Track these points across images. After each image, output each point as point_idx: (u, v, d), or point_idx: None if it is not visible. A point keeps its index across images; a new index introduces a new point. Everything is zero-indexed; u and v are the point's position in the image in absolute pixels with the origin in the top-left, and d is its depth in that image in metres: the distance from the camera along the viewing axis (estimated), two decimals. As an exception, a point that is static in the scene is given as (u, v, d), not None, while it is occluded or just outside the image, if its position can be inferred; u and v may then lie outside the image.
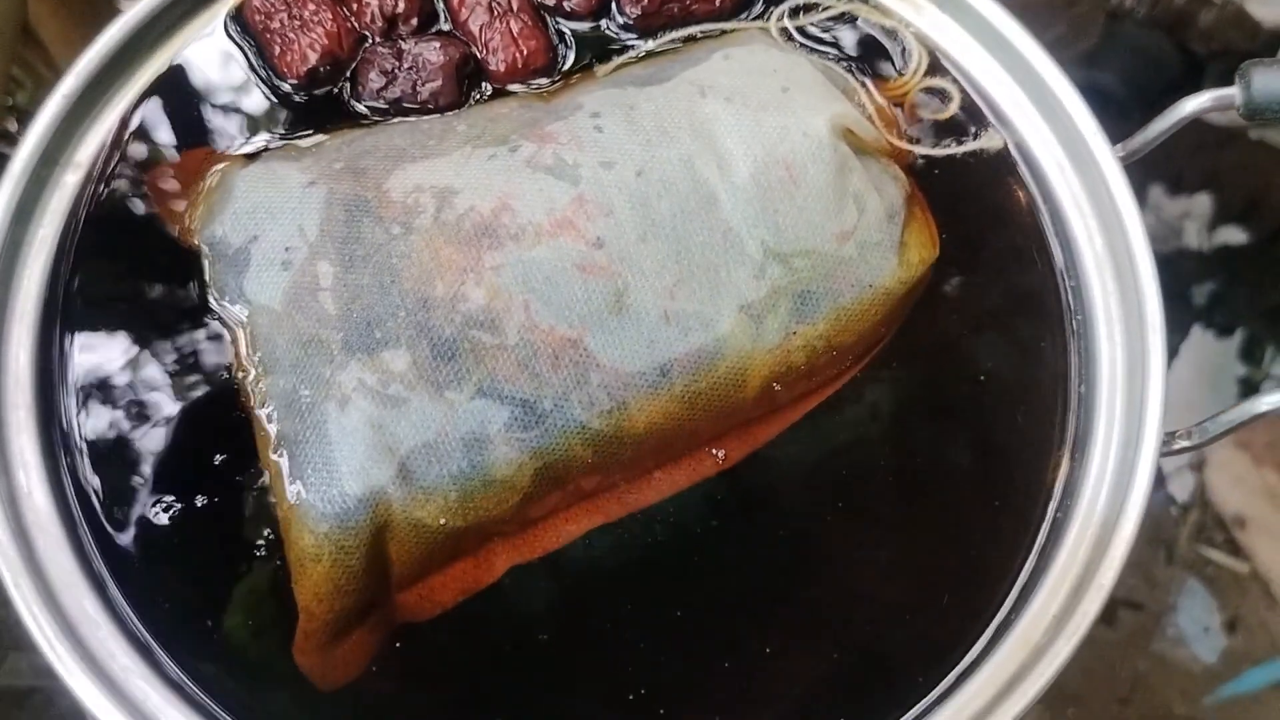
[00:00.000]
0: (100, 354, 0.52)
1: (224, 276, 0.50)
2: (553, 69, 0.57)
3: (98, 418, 0.51)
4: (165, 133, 0.56)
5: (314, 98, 0.57)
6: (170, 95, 0.57)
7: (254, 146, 0.55)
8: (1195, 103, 0.52)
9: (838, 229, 0.51)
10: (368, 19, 0.57)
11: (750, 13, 0.59)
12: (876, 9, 0.59)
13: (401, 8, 0.57)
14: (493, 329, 0.47)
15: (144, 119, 0.56)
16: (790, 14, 0.59)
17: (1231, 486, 0.84)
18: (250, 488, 0.49)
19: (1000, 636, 0.48)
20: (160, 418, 0.51)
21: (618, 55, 0.58)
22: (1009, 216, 0.57)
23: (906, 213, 0.53)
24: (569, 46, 0.58)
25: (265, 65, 0.57)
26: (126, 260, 0.54)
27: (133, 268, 0.54)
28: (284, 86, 0.57)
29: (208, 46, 0.58)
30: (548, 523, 0.50)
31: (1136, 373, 0.51)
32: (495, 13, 0.56)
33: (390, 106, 0.56)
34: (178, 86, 0.57)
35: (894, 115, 0.57)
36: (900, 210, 0.53)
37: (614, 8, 0.58)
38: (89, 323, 0.53)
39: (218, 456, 0.50)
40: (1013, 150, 0.58)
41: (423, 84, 0.55)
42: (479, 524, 0.47)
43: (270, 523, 0.48)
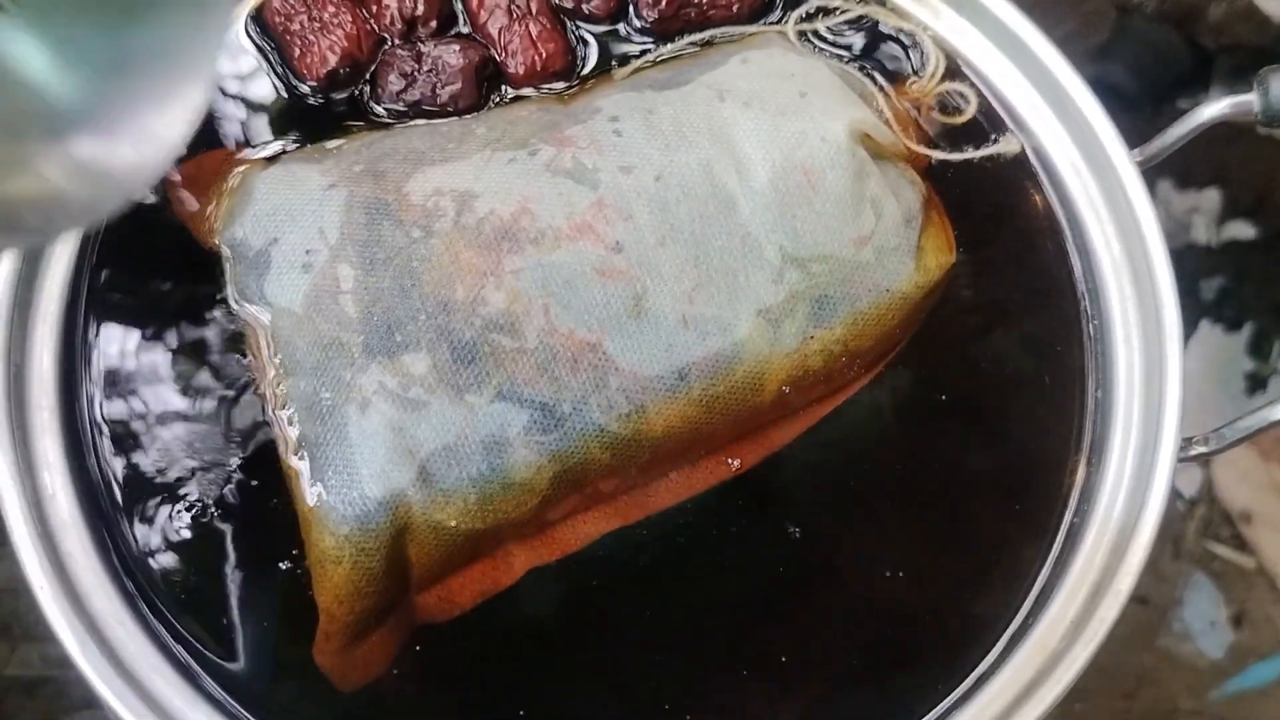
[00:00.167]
0: (122, 355, 0.52)
1: (245, 278, 0.50)
2: (571, 72, 0.57)
3: (120, 419, 0.51)
4: (186, 134, 0.57)
5: (333, 100, 0.57)
6: (192, 97, 0.57)
7: (274, 149, 0.55)
8: (1213, 110, 0.52)
9: (855, 234, 0.51)
10: (387, 21, 0.57)
11: (767, 16, 0.59)
12: (894, 12, 0.59)
13: (421, 10, 0.57)
14: (512, 332, 0.47)
15: (166, 120, 0.56)
16: (807, 17, 0.59)
17: (1239, 482, 0.84)
18: (271, 490, 0.49)
19: (1017, 642, 0.48)
20: (182, 419, 0.51)
21: (635, 59, 0.57)
22: (1026, 221, 0.57)
23: (924, 217, 0.53)
24: (587, 49, 0.58)
25: (285, 67, 0.57)
26: (148, 262, 0.54)
27: (154, 269, 0.54)
28: (303, 88, 0.57)
29: (230, 48, 0.58)
30: (566, 525, 0.50)
31: (1153, 378, 0.51)
32: (514, 15, 0.56)
33: (410, 109, 0.56)
34: (199, 88, 0.57)
35: (911, 119, 0.57)
36: (917, 215, 0.53)
37: (631, 11, 0.58)
38: (111, 324, 0.53)
39: (239, 458, 0.50)
40: (1030, 155, 0.57)
41: (442, 86, 0.55)
42: (498, 526, 0.48)
43: (291, 525, 0.48)
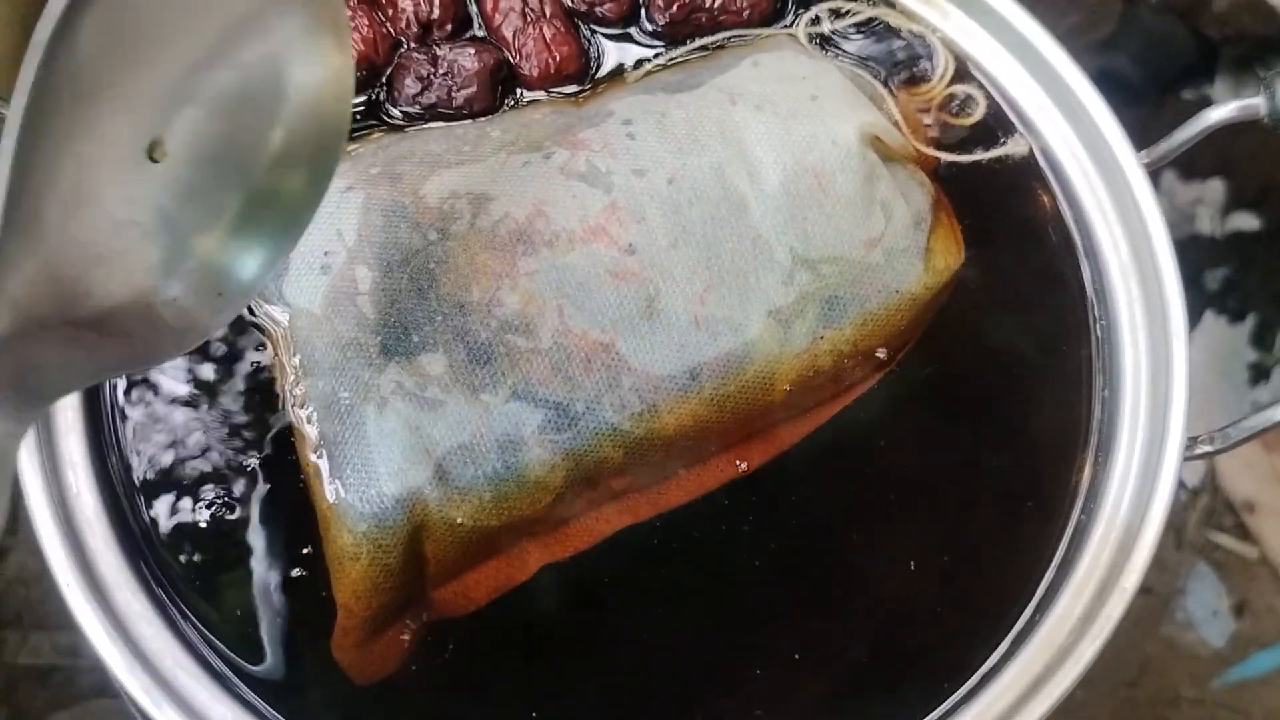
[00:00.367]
0: (143, 355, 0.53)
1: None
2: (585, 75, 0.57)
3: (142, 418, 0.52)
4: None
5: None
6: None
7: (291, 151, 0.56)
8: (1220, 113, 0.52)
9: (865, 236, 0.51)
10: (403, 24, 0.58)
11: (778, 22, 0.59)
12: (903, 15, 0.59)
13: (436, 13, 0.57)
14: (527, 333, 0.48)
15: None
16: (817, 20, 0.59)
17: (1242, 472, 0.84)
18: (289, 487, 0.50)
19: (1024, 638, 0.48)
20: (203, 418, 0.51)
21: (647, 62, 0.58)
22: (1033, 222, 0.57)
23: (933, 219, 0.54)
24: (600, 52, 0.58)
25: (301, 70, 0.58)
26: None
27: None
28: (320, 91, 0.57)
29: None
30: (579, 522, 0.51)
31: (1160, 378, 0.52)
32: (529, 19, 0.57)
33: (425, 112, 0.56)
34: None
35: (920, 121, 0.58)
36: (926, 217, 0.53)
37: (643, 15, 0.59)
38: (132, 325, 0.53)
39: (259, 456, 0.51)
40: (1038, 156, 0.58)
41: (458, 89, 0.56)
42: (512, 524, 0.48)
43: (310, 522, 0.48)
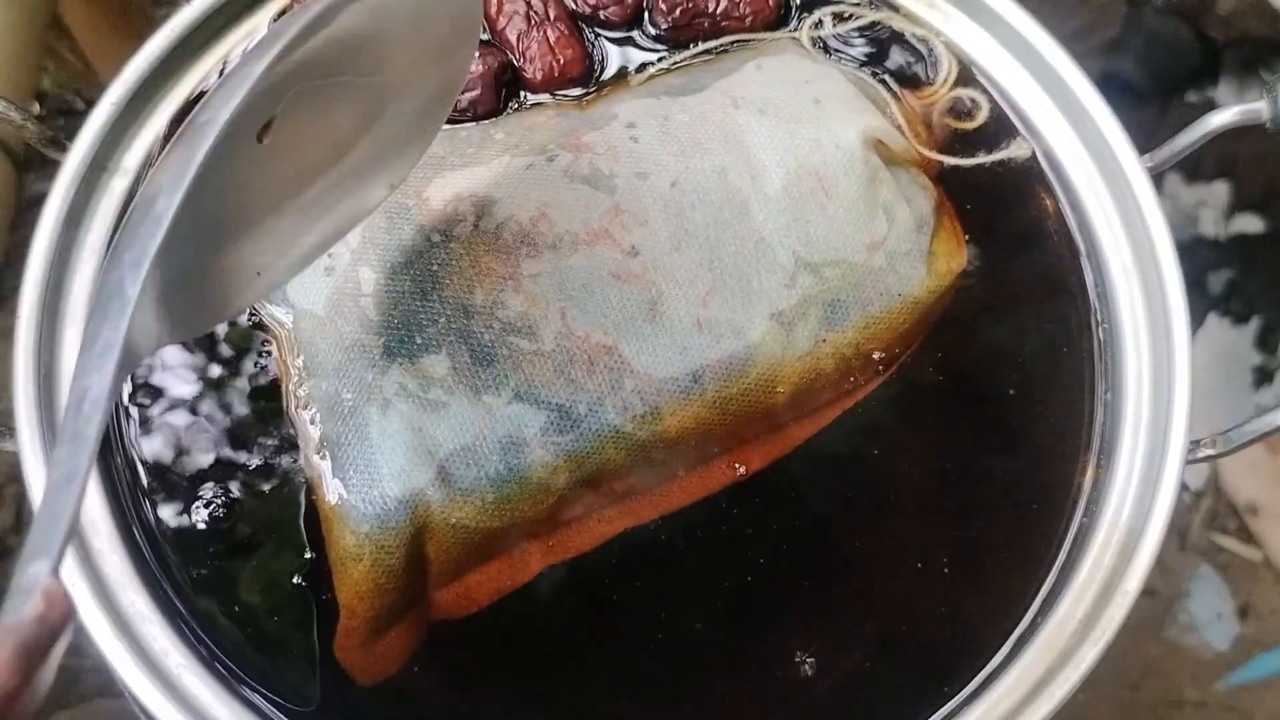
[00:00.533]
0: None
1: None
2: (588, 78, 0.58)
3: (147, 419, 0.52)
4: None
5: (354, 105, 0.57)
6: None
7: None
8: (1223, 117, 0.52)
9: (868, 239, 0.52)
10: (407, 28, 0.58)
11: (780, 29, 0.59)
12: (906, 18, 0.59)
13: (440, 17, 0.57)
14: (530, 335, 0.48)
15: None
16: (820, 24, 0.59)
17: (1245, 475, 0.84)
18: (293, 489, 0.50)
19: (1026, 640, 0.48)
20: (207, 418, 0.52)
21: (650, 65, 0.58)
22: (1036, 225, 0.57)
23: (935, 222, 0.54)
24: (604, 56, 0.58)
25: (306, 73, 0.58)
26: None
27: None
28: (325, 94, 0.57)
29: (252, 53, 0.58)
30: (581, 524, 0.51)
31: (1162, 382, 0.52)
32: (532, 22, 0.57)
33: (429, 114, 0.56)
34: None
35: (923, 125, 0.58)
36: (929, 220, 0.54)
37: (646, 19, 0.59)
38: (137, 326, 0.54)
39: (263, 457, 0.51)
40: (1040, 159, 0.57)
41: (461, 92, 0.56)
42: (515, 525, 0.48)
43: (313, 523, 0.49)
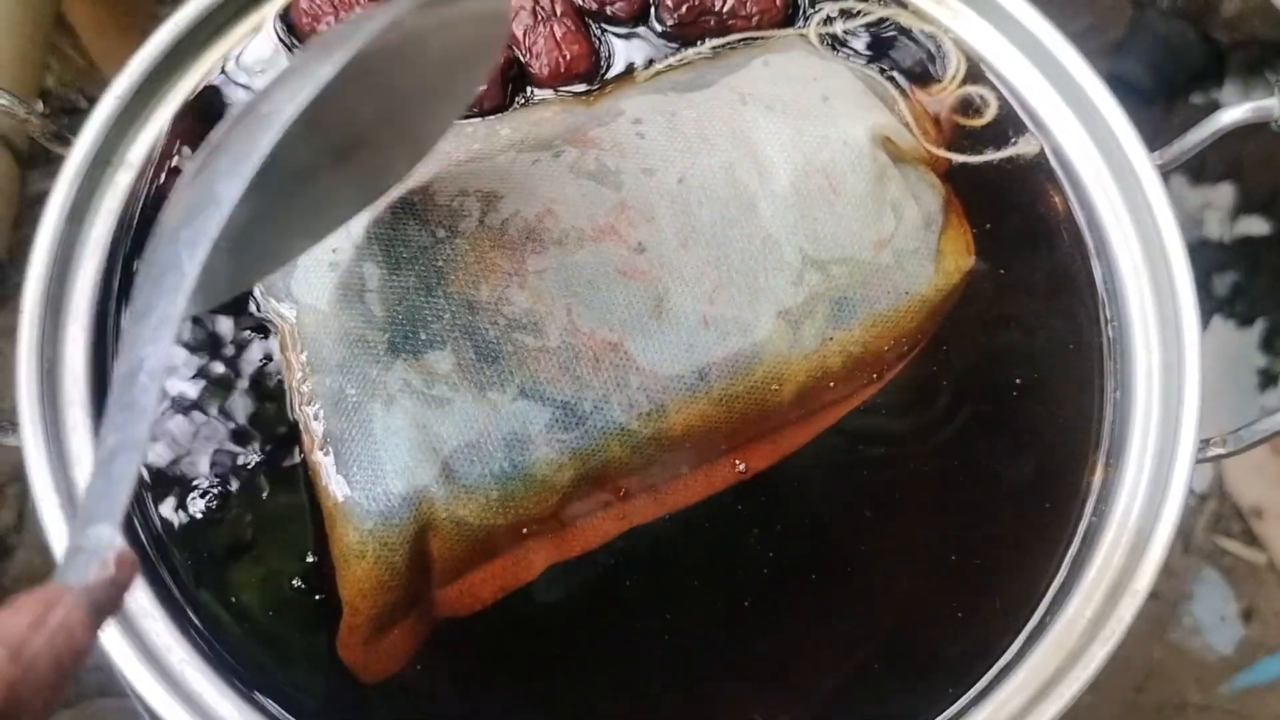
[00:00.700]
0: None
1: (272, 276, 0.50)
2: (595, 74, 0.57)
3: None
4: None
5: (359, 101, 0.57)
6: (220, 94, 0.57)
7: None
8: (1232, 115, 0.52)
9: (875, 237, 0.51)
10: (412, 23, 0.58)
11: (788, 27, 0.59)
12: (914, 15, 0.59)
13: (446, 12, 0.57)
14: (535, 332, 0.47)
15: (195, 118, 0.56)
16: (828, 20, 0.59)
17: (1249, 477, 0.83)
18: (295, 484, 0.50)
19: (1035, 640, 0.48)
20: (210, 414, 0.52)
21: (657, 61, 0.58)
22: (1045, 222, 0.57)
23: (943, 220, 0.54)
24: (610, 52, 0.58)
25: (312, 68, 0.58)
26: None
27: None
28: (330, 89, 0.57)
29: (257, 46, 0.58)
30: (585, 522, 0.51)
31: (1172, 381, 0.51)
32: (539, 17, 0.57)
33: (434, 110, 0.56)
34: (228, 86, 0.58)
35: (931, 122, 0.58)
36: (937, 218, 0.53)
37: (653, 15, 0.59)
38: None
39: (266, 453, 0.51)
40: (1049, 156, 0.57)
41: (467, 88, 0.56)
42: (519, 523, 0.48)
43: (316, 520, 0.48)
